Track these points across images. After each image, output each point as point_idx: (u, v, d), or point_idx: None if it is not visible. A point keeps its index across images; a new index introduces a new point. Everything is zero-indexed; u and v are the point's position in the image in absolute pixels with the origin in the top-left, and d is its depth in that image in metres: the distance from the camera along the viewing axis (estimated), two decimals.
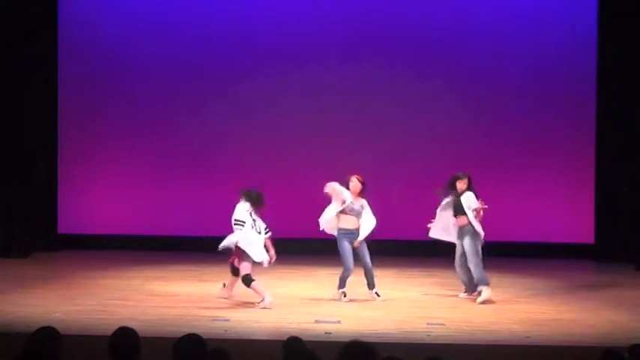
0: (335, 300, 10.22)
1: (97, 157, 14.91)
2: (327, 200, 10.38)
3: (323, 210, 10.39)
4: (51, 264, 13.39)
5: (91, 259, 13.71)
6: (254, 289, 9.62)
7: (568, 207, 14.65)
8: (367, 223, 10.26)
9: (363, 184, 10.30)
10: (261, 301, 9.61)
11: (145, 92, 14.99)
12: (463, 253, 10.34)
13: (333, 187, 10.09)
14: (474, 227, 10.22)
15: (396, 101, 14.85)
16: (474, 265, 10.18)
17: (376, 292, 10.37)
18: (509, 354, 7.64)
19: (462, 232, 10.38)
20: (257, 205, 9.89)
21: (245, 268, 9.57)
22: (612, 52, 14.44)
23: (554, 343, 7.98)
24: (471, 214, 10.22)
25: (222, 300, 9.88)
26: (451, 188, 10.52)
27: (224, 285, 10.05)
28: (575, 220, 14.67)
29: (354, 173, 10.47)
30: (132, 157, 14.96)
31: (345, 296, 10.23)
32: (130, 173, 14.97)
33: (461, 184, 10.41)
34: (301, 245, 12.53)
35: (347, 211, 10.17)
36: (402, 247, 14.63)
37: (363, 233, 10.23)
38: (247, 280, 9.55)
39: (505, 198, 14.21)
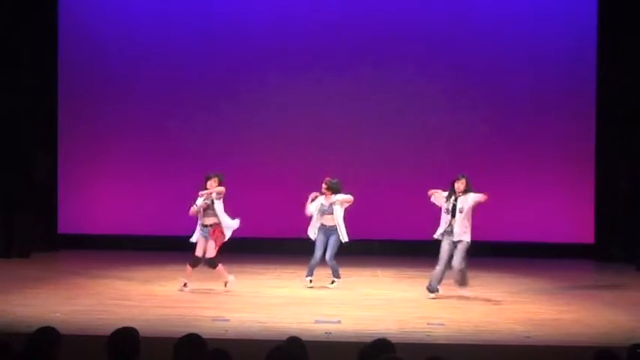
0: (308, 287, 11.16)
1: (97, 157, 14.92)
2: None
3: None
4: (51, 264, 13.39)
5: (91, 259, 13.71)
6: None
7: (568, 207, 14.66)
8: (339, 217, 11.20)
9: (327, 185, 11.21)
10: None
11: (145, 92, 15.00)
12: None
13: (308, 207, 11.29)
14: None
15: (397, 103, 14.85)
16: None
17: (332, 281, 11.30)
18: (509, 354, 7.63)
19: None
20: None
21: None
22: (612, 54, 14.45)
23: (554, 343, 7.98)
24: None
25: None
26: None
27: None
28: (575, 220, 14.67)
29: (326, 176, 11.35)
30: (132, 157, 14.96)
31: (310, 282, 11.23)
32: (129, 173, 14.98)
33: (458, 185, 10.39)
34: (301, 245, 12.49)
35: (322, 211, 11.22)
36: (402, 247, 14.65)
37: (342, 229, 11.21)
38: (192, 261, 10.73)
39: (505, 198, 14.21)
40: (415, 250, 14.42)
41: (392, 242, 14.81)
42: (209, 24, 14.96)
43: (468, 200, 10.32)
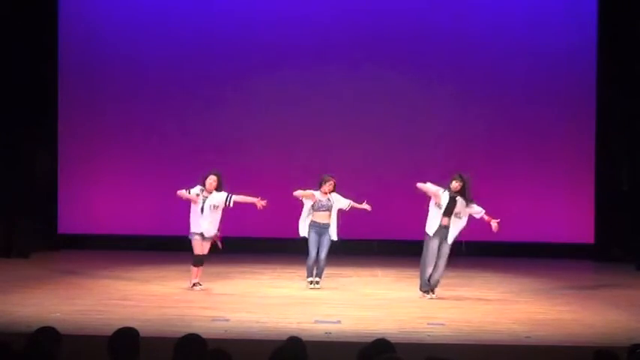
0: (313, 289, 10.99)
1: (97, 157, 14.92)
2: None
3: None
4: (51, 264, 13.37)
5: (91, 259, 13.71)
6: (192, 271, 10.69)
7: (568, 207, 14.66)
8: (335, 216, 11.05)
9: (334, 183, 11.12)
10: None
11: (145, 92, 15.01)
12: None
13: (300, 194, 11.10)
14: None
15: (397, 103, 14.85)
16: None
17: (317, 281, 11.06)
18: (509, 354, 7.63)
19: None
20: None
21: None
22: (612, 53, 14.46)
23: (554, 343, 7.97)
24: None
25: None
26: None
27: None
28: (575, 220, 14.68)
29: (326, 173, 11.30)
30: (132, 157, 14.97)
31: (311, 284, 11.02)
32: (129, 173, 14.98)
33: (455, 184, 10.33)
34: (301, 245, 12.48)
35: (317, 207, 11.02)
36: (402, 247, 14.64)
37: (333, 229, 11.02)
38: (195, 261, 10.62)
39: (505, 198, 14.22)
40: (415, 250, 14.40)
41: (392, 242, 14.80)
42: (209, 24, 14.96)
43: (466, 210, 10.31)
